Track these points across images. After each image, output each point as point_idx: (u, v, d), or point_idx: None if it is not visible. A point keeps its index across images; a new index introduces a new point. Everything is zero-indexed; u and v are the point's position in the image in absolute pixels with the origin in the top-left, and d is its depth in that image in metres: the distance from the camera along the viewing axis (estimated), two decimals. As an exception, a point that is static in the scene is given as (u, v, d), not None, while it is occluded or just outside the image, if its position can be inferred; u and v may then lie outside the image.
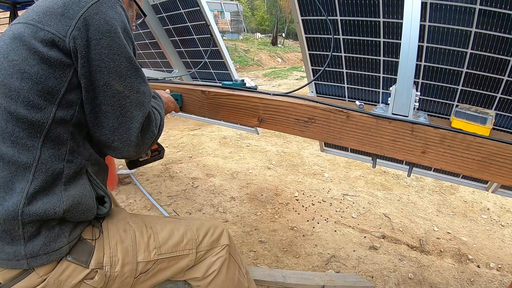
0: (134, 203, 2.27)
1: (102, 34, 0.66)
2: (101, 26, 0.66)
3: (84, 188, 0.71)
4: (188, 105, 1.21)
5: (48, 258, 0.65)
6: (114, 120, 0.70)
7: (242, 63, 13.16)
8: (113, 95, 0.69)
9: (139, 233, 0.80)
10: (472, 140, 0.73)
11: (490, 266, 1.74)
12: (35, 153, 0.64)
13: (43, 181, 0.64)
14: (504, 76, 0.89)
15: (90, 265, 0.70)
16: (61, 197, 0.66)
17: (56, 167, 0.66)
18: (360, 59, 1.12)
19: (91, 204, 0.71)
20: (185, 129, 4.25)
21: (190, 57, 1.81)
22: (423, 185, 2.71)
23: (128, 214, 0.87)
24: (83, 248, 0.71)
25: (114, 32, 0.67)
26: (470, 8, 0.83)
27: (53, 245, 0.65)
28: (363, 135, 0.86)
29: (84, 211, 0.69)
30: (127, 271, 0.75)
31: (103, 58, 0.67)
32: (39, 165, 0.64)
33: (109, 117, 0.70)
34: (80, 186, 0.70)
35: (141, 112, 0.73)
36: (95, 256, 0.71)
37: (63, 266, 0.68)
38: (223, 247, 0.90)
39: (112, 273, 0.73)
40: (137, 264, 0.77)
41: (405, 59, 0.79)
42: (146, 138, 0.77)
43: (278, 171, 2.95)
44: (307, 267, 1.69)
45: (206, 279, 0.87)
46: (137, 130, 0.72)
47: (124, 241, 0.77)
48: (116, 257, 0.74)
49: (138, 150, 0.75)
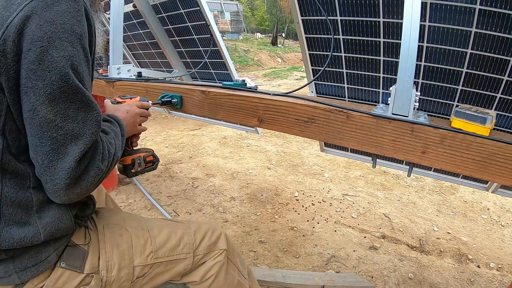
0: (134, 203, 2.27)
1: (32, 43, 0.52)
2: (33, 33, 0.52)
3: (59, 211, 0.64)
4: (188, 105, 1.21)
5: (37, 269, 0.64)
6: (43, 156, 0.55)
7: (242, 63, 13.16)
8: (41, 125, 0.54)
9: (136, 237, 0.79)
10: (472, 140, 0.73)
11: (490, 266, 1.74)
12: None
13: (12, 214, 0.59)
14: (504, 76, 0.89)
15: (84, 270, 0.69)
16: (37, 227, 0.61)
17: (22, 198, 0.60)
18: (360, 59, 1.12)
19: (69, 224, 0.67)
20: (185, 129, 4.25)
21: (190, 57, 1.81)
22: (423, 185, 2.71)
23: (125, 217, 0.86)
24: (76, 254, 0.70)
25: (49, 40, 0.53)
26: (470, 8, 0.83)
27: (39, 256, 0.64)
28: (363, 135, 0.85)
29: (63, 232, 0.66)
30: (123, 276, 0.74)
31: (29, 75, 0.53)
32: (4, 199, 0.58)
33: (38, 152, 0.56)
34: (54, 210, 0.64)
35: (77, 146, 0.57)
36: (89, 260, 0.70)
37: (58, 274, 0.67)
38: (221, 252, 0.89)
39: (108, 277, 0.72)
40: (134, 268, 0.76)
41: (405, 59, 0.79)
42: (89, 176, 0.60)
43: (278, 171, 2.95)
44: (307, 267, 1.69)
45: (204, 283, 0.87)
46: (70, 170, 0.56)
47: (120, 245, 0.76)
48: (112, 262, 0.73)
49: (73, 195, 0.59)
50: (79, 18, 0.57)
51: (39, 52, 0.53)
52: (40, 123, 0.54)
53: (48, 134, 0.55)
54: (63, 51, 0.55)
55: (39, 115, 0.54)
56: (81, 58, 0.58)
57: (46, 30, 0.53)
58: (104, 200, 1.06)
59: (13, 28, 0.52)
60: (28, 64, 0.53)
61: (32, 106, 0.54)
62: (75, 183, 0.58)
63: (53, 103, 0.54)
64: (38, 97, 0.54)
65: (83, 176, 0.59)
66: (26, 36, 0.52)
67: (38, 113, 0.54)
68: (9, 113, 0.56)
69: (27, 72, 0.53)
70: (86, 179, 0.60)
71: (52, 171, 0.56)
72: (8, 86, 0.54)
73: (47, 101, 0.54)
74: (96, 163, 0.61)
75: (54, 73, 0.54)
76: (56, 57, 0.54)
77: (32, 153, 0.57)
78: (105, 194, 1.08)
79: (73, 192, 0.59)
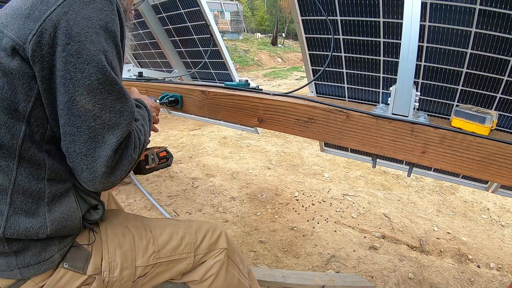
0: (134, 203, 2.27)
1: (70, 38, 0.55)
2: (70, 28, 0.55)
3: (70, 208, 0.65)
4: (188, 105, 1.21)
5: (40, 268, 0.64)
6: (81, 145, 0.58)
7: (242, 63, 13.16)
8: (79, 115, 0.57)
9: (138, 238, 0.79)
10: (472, 140, 0.73)
11: (490, 266, 1.74)
12: (10, 175, 0.59)
13: (22, 203, 0.60)
14: (504, 76, 0.89)
15: (87, 271, 0.69)
16: (45, 220, 0.61)
17: (35, 188, 0.61)
18: (360, 59, 1.12)
19: (77, 224, 0.67)
20: (185, 129, 4.25)
21: (190, 57, 1.81)
22: (423, 185, 2.71)
23: (127, 217, 0.86)
24: (79, 255, 0.70)
25: (86, 35, 0.56)
26: (470, 8, 0.83)
27: (43, 255, 0.64)
28: (363, 135, 0.86)
29: (70, 231, 0.66)
30: (125, 276, 0.74)
31: (68, 68, 0.55)
32: (16, 187, 0.59)
33: (75, 141, 0.58)
34: (65, 205, 0.64)
35: (115, 136, 0.59)
36: (92, 261, 0.70)
37: (60, 274, 0.67)
38: (221, 251, 0.89)
39: (110, 278, 0.72)
40: (136, 269, 0.76)
41: (405, 59, 0.79)
42: (123, 165, 0.63)
43: (278, 171, 2.95)
44: (307, 267, 1.69)
45: (204, 282, 0.87)
46: (107, 158, 0.59)
47: (123, 246, 0.76)
48: (115, 262, 0.73)
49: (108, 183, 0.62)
50: (113, 17, 0.60)
51: (78, 46, 0.55)
52: (79, 113, 0.57)
53: (87, 123, 0.57)
54: (99, 45, 0.57)
55: (78, 105, 0.57)
56: (114, 54, 0.61)
57: (83, 26, 0.56)
58: (106, 199, 1.06)
59: (51, 22, 0.55)
60: (67, 57, 0.55)
61: (71, 97, 0.56)
62: (111, 172, 0.61)
63: (92, 93, 0.57)
64: (77, 88, 0.56)
65: (118, 165, 0.62)
66: (63, 30, 0.55)
67: (77, 103, 0.56)
68: (37, 101, 0.58)
69: (65, 65, 0.55)
70: (120, 168, 0.62)
71: (89, 159, 0.59)
72: (41, 75, 0.56)
73: (86, 92, 0.57)
74: (129, 152, 0.64)
75: (92, 65, 0.56)
76: (93, 50, 0.56)
77: (68, 143, 0.59)
78: (108, 194, 1.08)
79: (108, 180, 0.61)
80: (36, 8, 0.56)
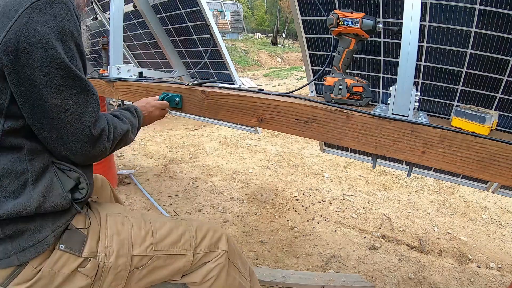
0: (134, 203, 2.27)
1: (33, 45, 0.61)
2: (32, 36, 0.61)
3: (51, 181, 0.70)
4: (188, 105, 1.21)
5: (35, 250, 0.66)
6: (55, 132, 0.68)
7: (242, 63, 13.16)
8: (51, 109, 0.65)
9: (137, 227, 0.81)
10: (472, 140, 0.73)
11: (490, 266, 1.74)
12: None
13: (9, 185, 0.64)
14: (504, 76, 0.89)
15: (83, 254, 0.71)
16: (30, 196, 0.66)
17: (19, 169, 0.66)
18: (360, 59, 1.12)
19: (61, 194, 0.70)
20: (185, 129, 4.25)
21: (190, 57, 1.81)
22: (423, 185, 2.71)
23: (128, 210, 0.88)
24: (75, 237, 0.72)
25: (47, 41, 0.62)
26: (470, 8, 0.83)
27: (37, 236, 0.66)
28: (363, 135, 0.85)
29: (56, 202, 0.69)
30: (121, 264, 0.75)
31: (36, 72, 0.62)
32: (1, 171, 0.64)
33: (51, 129, 0.67)
34: (46, 179, 0.69)
35: (82, 123, 0.69)
36: (88, 244, 0.72)
37: (56, 256, 0.69)
38: (222, 254, 0.89)
39: (106, 263, 0.73)
40: (132, 258, 0.77)
41: (405, 59, 0.79)
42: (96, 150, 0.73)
43: (278, 171, 2.95)
44: (307, 267, 1.69)
45: (204, 284, 0.87)
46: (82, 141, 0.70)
47: (121, 233, 0.77)
48: (111, 248, 0.75)
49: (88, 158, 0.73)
50: (69, 18, 0.67)
51: (41, 52, 0.62)
52: (50, 108, 0.65)
53: (58, 116, 0.66)
54: (60, 48, 0.65)
55: (49, 103, 0.65)
56: (74, 51, 0.69)
57: (44, 33, 0.62)
58: (108, 196, 1.07)
59: (14, 33, 0.61)
60: (33, 63, 0.62)
61: (42, 95, 0.64)
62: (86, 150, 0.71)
63: (59, 91, 0.66)
64: (46, 88, 0.64)
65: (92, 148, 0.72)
66: (26, 39, 0.61)
67: (48, 101, 0.65)
68: (12, 98, 0.64)
69: (33, 70, 0.62)
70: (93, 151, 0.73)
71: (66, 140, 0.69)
72: (11, 79, 0.63)
73: (54, 91, 0.65)
74: (103, 142, 0.74)
75: (56, 67, 0.64)
76: (55, 54, 0.63)
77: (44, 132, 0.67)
78: (110, 190, 1.09)
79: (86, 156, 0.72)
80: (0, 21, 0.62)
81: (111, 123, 0.78)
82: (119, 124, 0.82)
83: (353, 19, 0.86)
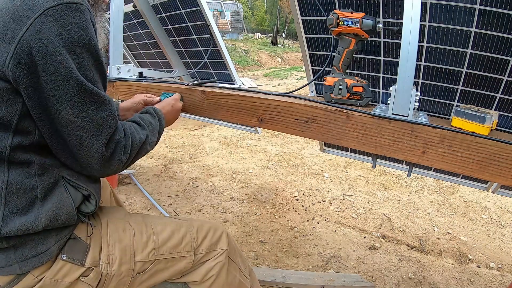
0: (134, 203, 2.27)
1: (46, 57, 0.57)
2: (45, 47, 0.57)
3: (61, 198, 0.67)
4: (188, 105, 1.21)
5: (38, 260, 0.65)
6: (70, 148, 0.66)
7: (242, 63, 13.16)
8: (66, 125, 0.63)
9: (139, 233, 0.80)
10: (472, 140, 0.73)
11: (490, 266, 1.74)
12: (3, 176, 0.61)
13: (17, 202, 0.62)
14: (504, 76, 0.89)
15: (85, 263, 0.70)
16: (39, 213, 0.63)
17: (28, 185, 0.63)
18: (360, 59, 1.12)
19: (71, 212, 0.68)
20: (185, 129, 4.25)
21: (190, 57, 1.81)
22: (423, 185, 2.71)
23: (129, 214, 0.86)
24: (78, 247, 0.71)
25: (61, 53, 0.58)
26: (470, 8, 0.83)
27: (40, 247, 0.65)
28: (363, 135, 0.85)
29: (64, 220, 0.68)
30: (124, 271, 0.75)
31: (49, 86, 0.59)
32: (9, 186, 0.61)
33: (66, 144, 0.65)
34: (56, 197, 0.67)
35: (98, 141, 0.66)
36: (90, 254, 0.71)
37: (59, 266, 0.68)
38: (222, 252, 0.89)
39: (109, 271, 0.73)
40: (135, 264, 0.77)
41: (405, 59, 0.79)
42: (112, 165, 0.71)
43: (278, 171, 2.95)
44: (307, 267, 1.69)
45: (205, 283, 0.87)
46: (97, 158, 0.67)
47: (123, 240, 0.77)
48: (114, 256, 0.74)
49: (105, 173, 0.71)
50: (85, 28, 0.62)
51: (55, 65, 0.58)
52: (66, 124, 0.63)
53: (73, 132, 0.64)
54: (74, 61, 0.61)
55: (64, 118, 0.62)
56: (90, 64, 0.64)
57: (58, 44, 0.58)
58: (109, 198, 1.07)
59: (25, 43, 0.56)
60: (47, 77, 0.58)
61: (57, 110, 0.61)
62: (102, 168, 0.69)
63: (74, 107, 0.62)
64: (61, 103, 0.61)
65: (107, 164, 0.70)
66: (39, 50, 0.57)
67: (63, 117, 0.62)
68: (23, 113, 0.62)
69: (47, 84, 0.59)
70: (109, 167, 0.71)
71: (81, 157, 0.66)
72: (26, 93, 0.60)
73: (69, 107, 0.62)
74: (118, 155, 0.71)
75: (71, 82, 0.60)
76: (70, 67, 0.60)
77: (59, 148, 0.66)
78: (110, 191, 1.09)
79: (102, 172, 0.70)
80: (9, 28, 0.56)
81: (129, 134, 0.75)
82: (137, 132, 0.79)
83: (353, 19, 0.86)
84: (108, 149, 0.69)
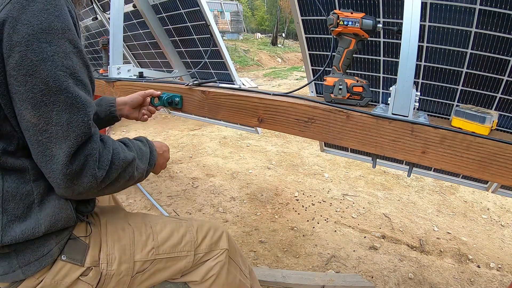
0: (134, 203, 2.27)
1: (11, 49, 0.51)
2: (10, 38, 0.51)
3: (59, 201, 0.65)
4: (188, 105, 1.21)
5: (40, 263, 0.64)
6: (36, 156, 0.57)
7: (242, 63, 13.16)
8: (27, 129, 0.55)
9: (138, 232, 0.80)
10: (472, 140, 0.73)
11: (490, 266, 1.74)
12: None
13: (14, 209, 0.60)
14: (504, 76, 0.89)
15: (85, 263, 0.70)
16: (38, 219, 0.62)
17: (24, 191, 0.61)
18: (360, 59, 1.12)
19: (70, 214, 0.67)
20: (185, 129, 4.25)
21: (190, 57, 1.81)
22: (423, 185, 2.71)
23: (128, 213, 0.87)
24: (77, 247, 0.70)
25: (26, 43, 0.51)
26: (470, 8, 0.83)
27: (42, 250, 0.65)
28: (363, 135, 0.85)
29: (64, 223, 0.67)
30: (123, 270, 0.75)
31: (12, 81, 0.52)
32: (5, 194, 0.59)
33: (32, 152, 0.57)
34: (54, 200, 0.64)
35: (61, 150, 0.55)
36: (90, 253, 0.71)
37: (58, 266, 0.68)
38: (222, 252, 0.89)
39: (108, 271, 0.73)
40: (134, 263, 0.77)
41: (405, 59, 0.79)
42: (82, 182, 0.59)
43: (278, 171, 2.95)
44: (307, 267, 1.69)
45: (205, 283, 0.87)
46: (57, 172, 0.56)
47: (122, 240, 0.77)
48: (113, 255, 0.74)
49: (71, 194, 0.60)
50: (57, 13, 0.55)
51: (18, 57, 0.52)
52: (27, 127, 0.55)
53: (34, 137, 0.55)
54: (42, 54, 0.53)
55: (25, 120, 0.54)
56: (67, 51, 0.56)
57: (23, 33, 0.51)
58: (107, 198, 1.07)
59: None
60: (10, 71, 0.52)
61: (19, 111, 0.54)
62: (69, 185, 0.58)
63: (36, 107, 0.54)
64: (22, 102, 0.54)
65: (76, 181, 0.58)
66: (4, 42, 0.52)
67: (24, 118, 0.54)
68: (1, 116, 0.56)
69: (9, 78, 0.53)
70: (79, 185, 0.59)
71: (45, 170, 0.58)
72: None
73: (30, 106, 0.54)
74: (91, 170, 0.59)
75: (34, 77, 0.53)
76: (35, 60, 0.52)
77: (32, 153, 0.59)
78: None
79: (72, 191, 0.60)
80: None
81: (111, 147, 0.64)
82: (122, 150, 0.68)
83: (353, 19, 0.86)
84: (74, 161, 0.57)
